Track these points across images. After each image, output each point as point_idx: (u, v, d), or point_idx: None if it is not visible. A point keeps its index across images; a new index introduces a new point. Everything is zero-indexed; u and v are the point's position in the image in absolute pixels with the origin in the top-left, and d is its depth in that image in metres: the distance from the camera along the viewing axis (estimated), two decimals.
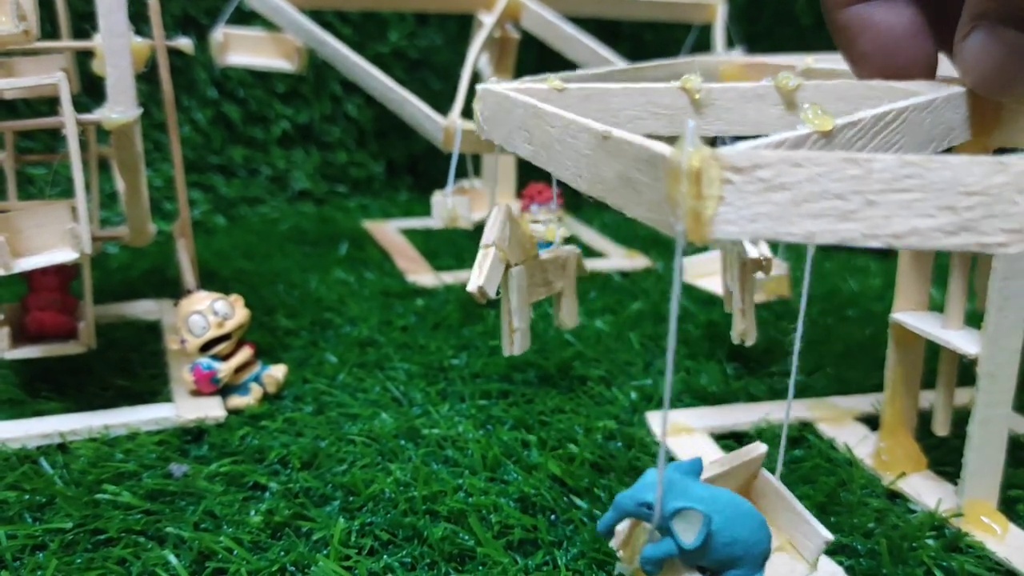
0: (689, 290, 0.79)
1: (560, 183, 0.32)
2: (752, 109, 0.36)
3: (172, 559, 0.41)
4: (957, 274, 0.47)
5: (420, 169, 1.14)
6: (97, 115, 0.49)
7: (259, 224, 0.98)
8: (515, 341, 0.40)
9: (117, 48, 0.48)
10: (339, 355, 0.64)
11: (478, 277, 0.37)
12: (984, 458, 0.45)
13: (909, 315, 0.49)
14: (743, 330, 0.43)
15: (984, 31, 0.32)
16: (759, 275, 0.44)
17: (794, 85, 0.35)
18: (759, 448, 0.38)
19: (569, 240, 0.45)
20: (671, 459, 0.51)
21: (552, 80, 0.37)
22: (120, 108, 0.49)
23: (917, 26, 0.35)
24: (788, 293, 0.65)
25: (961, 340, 0.45)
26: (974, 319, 0.46)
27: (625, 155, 0.25)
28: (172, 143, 0.61)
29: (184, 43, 0.59)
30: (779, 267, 0.66)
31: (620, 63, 0.76)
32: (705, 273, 0.68)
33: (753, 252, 0.43)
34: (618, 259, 0.88)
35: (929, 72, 0.36)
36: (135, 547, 0.42)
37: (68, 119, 0.48)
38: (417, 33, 1.11)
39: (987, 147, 0.36)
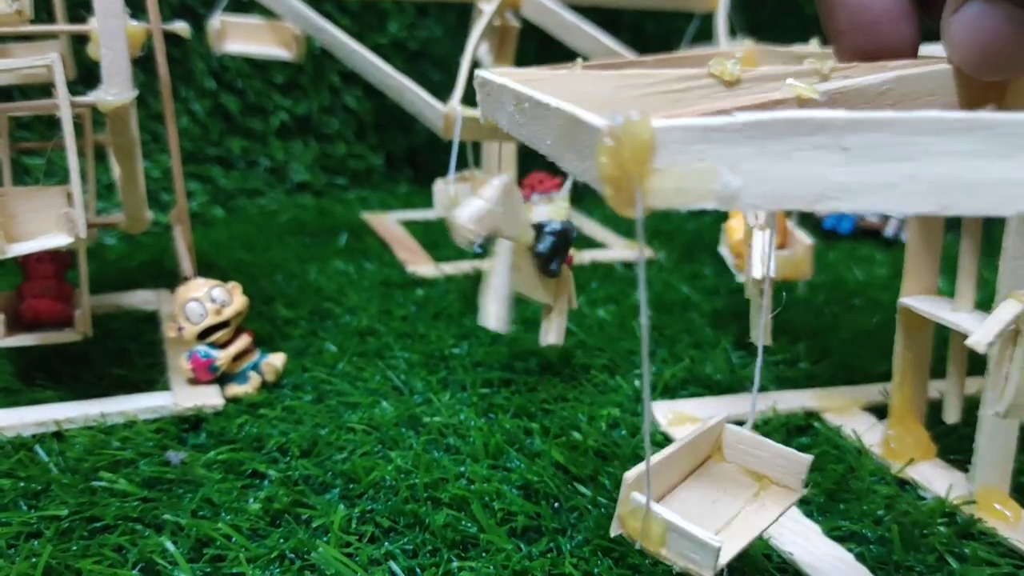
0: (693, 279, 0.79)
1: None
2: None
3: (170, 546, 0.40)
4: (967, 258, 0.46)
5: (419, 161, 1.13)
6: (92, 97, 0.48)
7: (258, 216, 0.98)
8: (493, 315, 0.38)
9: (112, 28, 0.47)
10: (339, 344, 0.63)
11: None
12: (996, 444, 0.44)
13: (918, 299, 0.48)
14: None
15: (977, 4, 0.31)
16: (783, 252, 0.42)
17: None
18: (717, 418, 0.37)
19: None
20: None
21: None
22: (115, 90, 0.48)
23: (899, 6, 0.34)
24: (807, 273, 0.59)
25: (971, 323, 0.44)
26: (984, 306, 0.45)
27: None
28: (168, 128, 0.60)
29: (180, 27, 0.58)
30: (801, 242, 0.59)
31: (623, 52, 0.75)
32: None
33: None
34: (620, 249, 0.88)
35: (910, 55, 0.35)
36: (132, 534, 0.42)
37: (62, 101, 0.47)
38: (417, 24, 1.10)
39: None
